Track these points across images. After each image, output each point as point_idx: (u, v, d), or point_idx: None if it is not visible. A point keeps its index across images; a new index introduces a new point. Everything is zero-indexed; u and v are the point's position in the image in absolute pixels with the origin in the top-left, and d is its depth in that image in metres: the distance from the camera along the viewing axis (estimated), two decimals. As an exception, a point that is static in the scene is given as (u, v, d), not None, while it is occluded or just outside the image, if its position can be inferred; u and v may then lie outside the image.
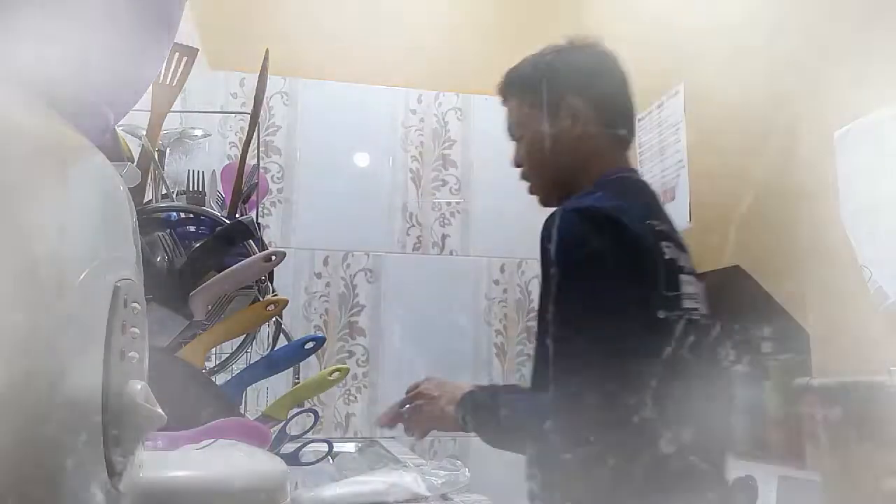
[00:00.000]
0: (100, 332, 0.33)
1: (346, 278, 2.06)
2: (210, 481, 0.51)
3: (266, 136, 2.06)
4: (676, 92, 1.64)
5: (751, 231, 1.35)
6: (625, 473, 0.90)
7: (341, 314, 2.04)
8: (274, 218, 2.05)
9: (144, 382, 0.36)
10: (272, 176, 2.05)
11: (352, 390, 2.00)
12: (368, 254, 2.08)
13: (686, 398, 0.94)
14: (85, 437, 0.32)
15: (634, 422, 0.90)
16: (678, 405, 0.93)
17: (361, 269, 2.07)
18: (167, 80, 0.86)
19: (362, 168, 2.14)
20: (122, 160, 0.80)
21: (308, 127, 2.11)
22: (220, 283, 0.75)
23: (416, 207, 2.14)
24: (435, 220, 2.14)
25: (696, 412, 0.94)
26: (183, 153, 1.11)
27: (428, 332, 2.06)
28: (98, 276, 0.33)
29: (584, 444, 0.90)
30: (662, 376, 0.92)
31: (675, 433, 0.91)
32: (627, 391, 0.91)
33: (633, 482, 0.90)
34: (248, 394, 0.99)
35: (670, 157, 1.66)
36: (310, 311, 2.03)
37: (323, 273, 2.05)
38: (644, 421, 0.89)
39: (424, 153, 2.16)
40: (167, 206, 0.85)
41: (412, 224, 2.13)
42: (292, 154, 2.09)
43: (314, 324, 2.02)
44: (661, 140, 1.71)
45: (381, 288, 2.08)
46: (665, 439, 0.90)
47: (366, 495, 0.84)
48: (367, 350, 2.04)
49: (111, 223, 0.37)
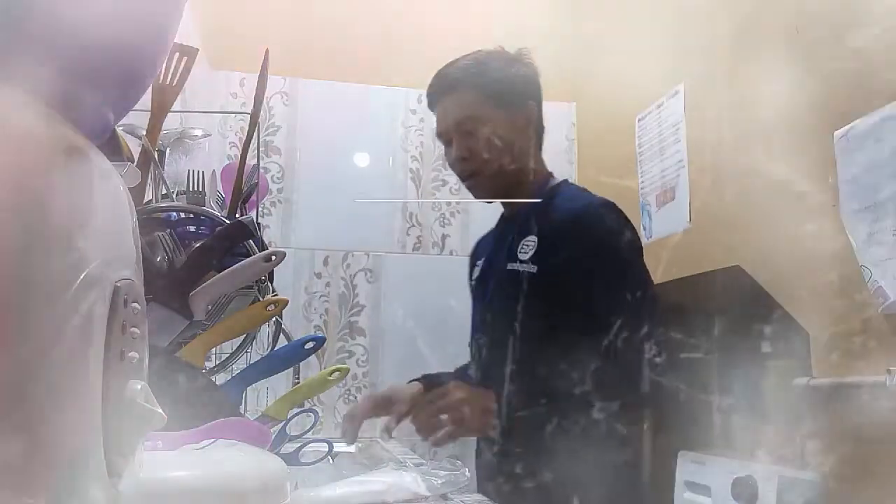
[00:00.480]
0: (100, 332, 0.33)
1: (346, 278, 2.06)
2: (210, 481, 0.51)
3: (266, 136, 2.06)
4: (676, 92, 1.64)
5: (751, 231, 1.35)
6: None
7: (341, 314, 2.04)
8: (274, 218, 2.05)
9: (144, 382, 0.36)
10: (272, 176, 2.05)
11: (352, 390, 2.00)
12: (368, 254, 2.08)
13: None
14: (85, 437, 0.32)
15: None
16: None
17: (361, 269, 2.07)
18: (167, 80, 0.86)
19: (362, 168, 2.14)
20: (122, 160, 0.80)
21: (308, 127, 2.11)
22: (220, 283, 0.75)
23: (416, 207, 2.14)
24: (435, 220, 2.14)
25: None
26: (183, 153, 1.11)
27: (428, 332, 2.06)
28: (98, 276, 0.33)
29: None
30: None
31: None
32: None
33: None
34: (248, 394, 0.99)
35: (670, 157, 1.66)
36: (310, 311, 2.03)
37: (323, 273, 2.05)
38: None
39: (424, 153, 2.16)
40: (167, 206, 0.85)
41: (412, 224, 2.13)
42: (292, 154, 2.09)
43: (314, 324, 2.02)
44: (661, 140, 1.71)
45: (381, 288, 2.08)
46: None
47: (366, 495, 0.84)
48: (367, 350, 2.04)
49: (111, 223, 0.37)
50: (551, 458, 1.06)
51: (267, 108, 2.07)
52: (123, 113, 0.42)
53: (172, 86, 0.86)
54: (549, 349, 1.06)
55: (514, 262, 1.17)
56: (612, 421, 1.04)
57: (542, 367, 1.06)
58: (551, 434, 1.05)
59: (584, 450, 1.03)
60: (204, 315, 0.76)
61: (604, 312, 1.06)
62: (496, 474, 1.13)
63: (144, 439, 0.40)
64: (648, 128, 1.77)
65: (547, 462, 1.06)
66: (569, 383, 1.01)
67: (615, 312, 1.05)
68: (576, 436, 1.04)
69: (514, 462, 1.08)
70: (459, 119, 1.22)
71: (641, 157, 1.80)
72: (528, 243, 1.16)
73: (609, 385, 1.04)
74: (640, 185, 1.79)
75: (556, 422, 1.04)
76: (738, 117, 1.40)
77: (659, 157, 1.72)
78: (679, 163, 1.63)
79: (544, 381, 1.06)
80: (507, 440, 1.11)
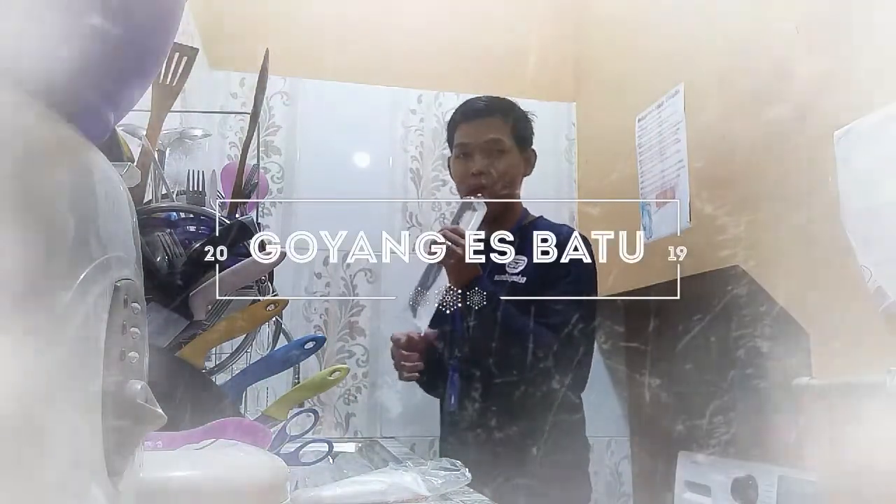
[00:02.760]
0: (100, 332, 0.33)
1: (346, 278, 2.06)
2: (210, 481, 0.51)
3: (266, 136, 2.06)
4: (676, 92, 1.64)
5: (751, 231, 1.35)
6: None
7: (341, 314, 2.04)
8: (274, 218, 2.05)
9: (144, 382, 0.36)
10: (272, 176, 2.05)
11: (352, 390, 2.00)
12: (368, 254, 2.08)
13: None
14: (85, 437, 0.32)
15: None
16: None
17: (361, 270, 2.07)
18: (167, 80, 0.86)
19: (362, 168, 2.14)
20: (122, 160, 0.80)
21: (308, 127, 2.11)
22: (220, 283, 0.75)
23: (416, 207, 2.14)
24: (435, 220, 2.14)
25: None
26: (183, 153, 1.11)
27: (428, 332, 2.06)
28: (98, 276, 0.33)
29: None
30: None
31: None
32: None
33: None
34: (248, 394, 0.99)
35: (670, 157, 1.66)
36: (310, 311, 2.02)
37: (323, 273, 2.05)
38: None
39: (424, 153, 2.16)
40: (167, 206, 0.85)
41: (412, 224, 2.13)
42: (292, 154, 2.09)
43: (314, 324, 2.02)
44: (661, 140, 1.71)
45: (380, 288, 2.08)
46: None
47: (366, 495, 0.84)
48: (367, 350, 2.04)
49: (111, 223, 0.37)
50: (519, 414, 1.39)
51: (267, 108, 2.06)
52: (123, 113, 0.42)
53: (172, 86, 0.86)
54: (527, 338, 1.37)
55: (501, 275, 1.44)
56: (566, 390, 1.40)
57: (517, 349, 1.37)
58: (519, 397, 1.37)
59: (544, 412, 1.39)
60: (204, 315, 0.76)
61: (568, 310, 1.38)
62: (470, 427, 1.42)
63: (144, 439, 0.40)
64: (648, 128, 1.77)
65: (516, 418, 1.39)
66: (535, 360, 1.34)
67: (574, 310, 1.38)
68: (538, 400, 1.38)
69: (490, 417, 1.40)
70: (491, 138, 1.48)
71: (641, 157, 1.80)
72: (518, 262, 1.45)
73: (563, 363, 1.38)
74: (640, 185, 1.79)
75: (524, 389, 1.37)
76: (738, 117, 1.40)
77: (659, 157, 1.72)
78: (679, 163, 1.63)
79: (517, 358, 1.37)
80: (486, 400, 1.41)
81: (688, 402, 1.68)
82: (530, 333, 1.35)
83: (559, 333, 1.36)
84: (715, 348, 1.55)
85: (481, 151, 1.48)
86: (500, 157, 1.47)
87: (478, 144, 1.48)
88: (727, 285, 1.40)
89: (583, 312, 1.39)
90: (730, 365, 1.51)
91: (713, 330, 1.52)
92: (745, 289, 1.34)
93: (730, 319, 1.47)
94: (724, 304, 1.45)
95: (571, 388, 1.42)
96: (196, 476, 0.51)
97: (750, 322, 1.40)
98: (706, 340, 1.56)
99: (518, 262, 1.44)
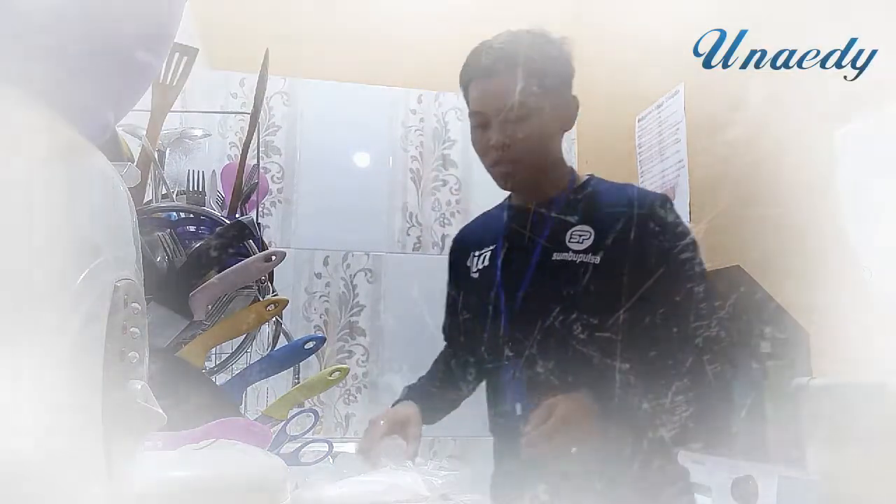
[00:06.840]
0: (100, 332, 0.33)
1: (346, 278, 2.06)
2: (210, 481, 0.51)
3: (266, 136, 2.06)
4: (676, 92, 1.64)
5: (751, 231, 1.35)
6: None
7: (341, 314, 2.04)
8: (274, 218, 2.05)
9: (144, 382, 0.36)
10: (272, 176, 2.05)
11: (352, 390, 2.00)
12: (368, 254, 2.08)
13: None
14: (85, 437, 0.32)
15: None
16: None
17: (361, 269, 2.07)
18: (167, 80, 0.86)
19: (362, 168, 2.14)
20: (122, 160, 0.80)
21: (308, 127, 2.11)
22: (220, 283, 0.75)
23: (416, 207, 2.14)
24: (435, 220, 2.14)
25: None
26: (183, 153, 1.11)
27: (428, 332, 2.06)
28: (98, 276, 0.33)
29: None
30: None
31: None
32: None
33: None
34: (248, 394, 0.99)
35: (670, 157, 1.66)
36: (310, 311, 2.02)
37: (323, 273, 2.05)
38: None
39: (424, 153, 2.16)
40: (167, 206, 0.85)
41: (412, 224, 2.13)
42: (292, 154, 2.09)
43: (314, 324, 2.02)
44: (661, 140, 1.71)
45: (381, 288, 2.08)
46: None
47: (366, 495, 0.84)
48: (367, 350, 2.04)
49: (111, 223, 0.37)
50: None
51: (267, 108, 2.06)
52: (123, 113, 0.42)
53: (172, 86, 0.86)
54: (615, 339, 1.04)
55: (563, 252, 1.10)
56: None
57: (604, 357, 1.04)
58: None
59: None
60: (204, 315, 0.76)
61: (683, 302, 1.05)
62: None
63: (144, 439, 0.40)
64: (648, 128, 1.77)
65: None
66: (635, 377, 1.00)
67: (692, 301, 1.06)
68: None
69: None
70: (507, 104, 1.12)
71: (641, 157, 1.80)
72: (579, 233, 1.10)
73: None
74: (640, 185, 1.79)
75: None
76: (738, 117, 1.40)
77: (659, 157, 1.72)
78: (679, 163, 1.63)
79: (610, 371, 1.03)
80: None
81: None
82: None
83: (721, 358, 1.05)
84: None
85: (500, 119, 1.14)
86: (522, 123, 1.12)
87: (492, 111, 1.14)
88: (727, 285, 1.40)
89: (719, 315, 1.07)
90: (730, 365, 1.51)
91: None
92: (745, 289, 1.34)
93: (730, 319, 1.47)
94: (723, 304, 1.45)
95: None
96: (196, 476, 0.51)
97: (750, 322, 1.40)
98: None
99: (582, 233, 1.11)
